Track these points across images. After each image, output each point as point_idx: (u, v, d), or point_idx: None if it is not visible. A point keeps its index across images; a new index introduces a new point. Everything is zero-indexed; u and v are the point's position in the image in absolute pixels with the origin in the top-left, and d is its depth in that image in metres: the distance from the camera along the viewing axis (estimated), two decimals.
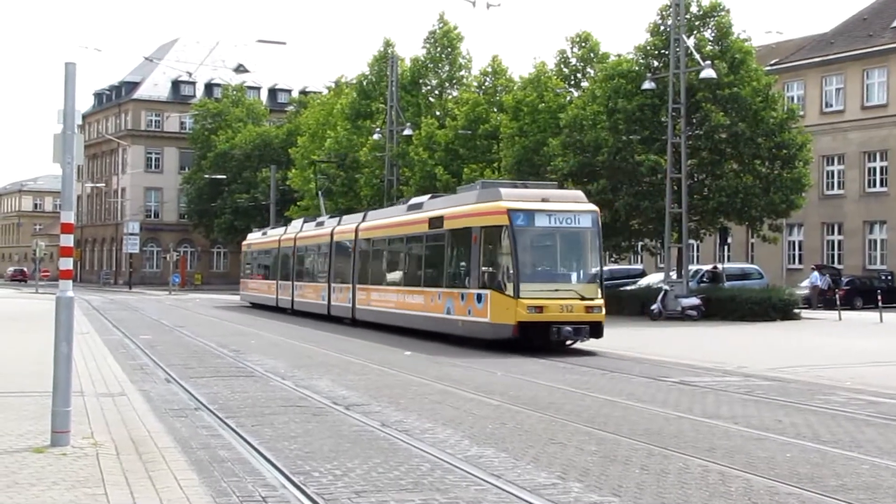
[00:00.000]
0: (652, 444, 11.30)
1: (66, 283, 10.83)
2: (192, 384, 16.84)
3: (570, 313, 24.03)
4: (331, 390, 16.21)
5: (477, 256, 25.42)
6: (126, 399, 14.26)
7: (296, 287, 43.15)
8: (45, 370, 13.95)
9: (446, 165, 48.84)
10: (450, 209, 28.09)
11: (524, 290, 23.95)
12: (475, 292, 25.31)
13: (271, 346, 25.80)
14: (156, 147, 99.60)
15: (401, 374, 19.00)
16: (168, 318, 38.99)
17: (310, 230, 42.90)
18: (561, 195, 26.09)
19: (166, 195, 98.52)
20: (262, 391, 16.07)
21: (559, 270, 25.39)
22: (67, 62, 10.87)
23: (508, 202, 24.83)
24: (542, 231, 24.85)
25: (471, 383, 17.30)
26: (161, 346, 25.05)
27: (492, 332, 24.72)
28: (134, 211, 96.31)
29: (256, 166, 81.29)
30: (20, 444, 10.36)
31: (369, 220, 35.73)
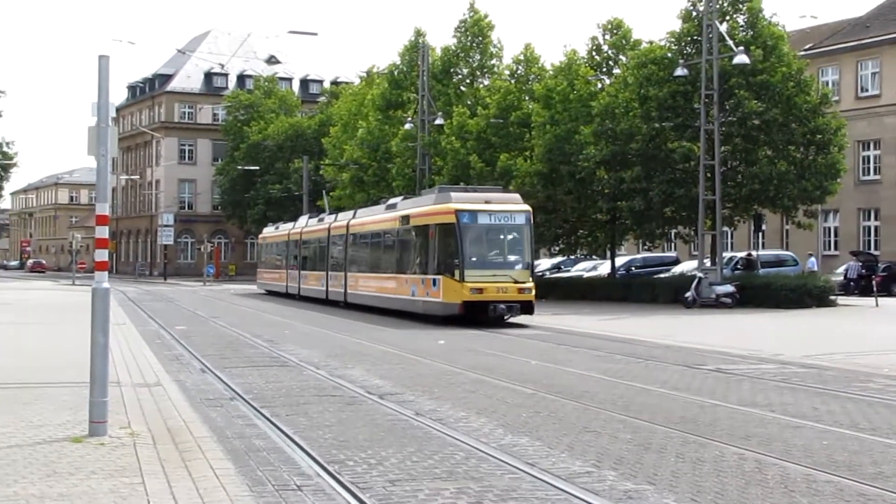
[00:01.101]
0: (687, 432, 11.25)
1: (102, 274, 10.90)
2: (227, 374, 16.93)
3: (505, 294, 29.57)
4: (364, 379, 16.24)
5: (433, 248, 30.97)
6: (162, 389, 14.36)
7: (302, 276, 48.58)
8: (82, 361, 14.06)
9: (479, 154, 48.74)
10: (415, 209, 33.47)
11: (468, 275, 29.51)
12: (431, 277, 30.92)
13: (304, 336, 25.91)
14: (189, 139, 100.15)
15: (434, 363, 19.01)
16: (203, 309, 39.22)
17: (312, 225, 48.55)
18: (501, 198, 31.36)
19: (200, 186, 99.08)
20: (296, 380, 16.13)
21: (497, 259, 30.53)
22: (101, 55, 10.91)
23: (457, 204, 30.40)
24: (483, 227, 30.22)
25: (504, 371, 17.28)
26: (196, 337, 25.21)
27: (443, 310, 30.13)
28: (168, 202, 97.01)
29: (289, 157, 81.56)
30: (59, 434, 10.46)
31: (358, 217, 41.19)
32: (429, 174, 52.52)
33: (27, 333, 24.75)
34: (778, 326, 28.19)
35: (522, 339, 25.20)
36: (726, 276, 38.70)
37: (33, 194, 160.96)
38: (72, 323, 27.39)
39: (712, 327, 27.87)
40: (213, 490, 8.21)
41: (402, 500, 8.21)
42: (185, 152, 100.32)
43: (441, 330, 27.97)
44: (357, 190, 57.28)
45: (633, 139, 40.79)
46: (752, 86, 38.33)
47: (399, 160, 54.47)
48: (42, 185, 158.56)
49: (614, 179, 42.14)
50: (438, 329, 28.41)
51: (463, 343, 23.72)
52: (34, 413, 11.81)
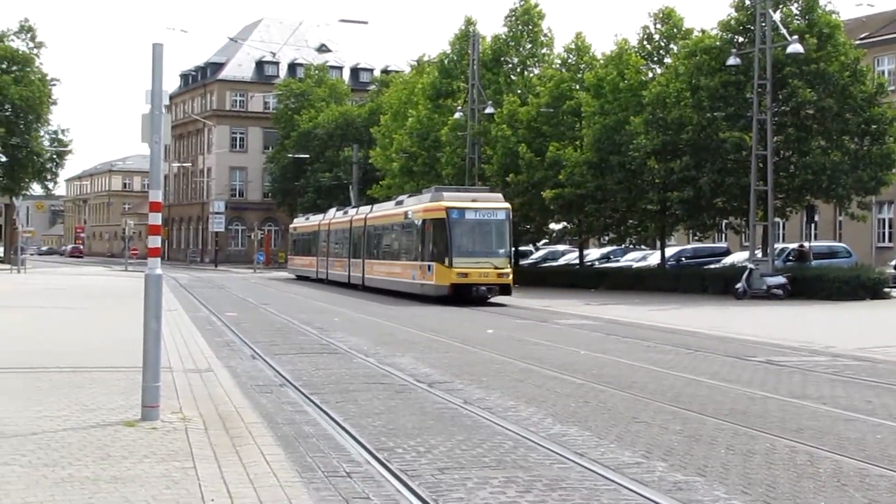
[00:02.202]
0: (738, 423, 11.15)
1: (155, 260, 11.00)
2: (277, 361, 17.05)
3: (486, 278, 35.34)
4: (413, 368, 16.28)
5: (428, 239, 36.98)
6: (213, 375, 14.49)
7: (329, 262, 54.05)
8: (134, 346, 14.21)
9: (529, 143, 48.60)
10: (415, 206, 39.29)
11: (456, 262, 35.40)
12: (427, 264, 36.80)
13: (353, 324, 26.06)
14: (240, 127, 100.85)
15: (482, 351, 19.02)
16: (253, 296, 39.54)
17: (338, 217, 54.17)
18: (486, 197, 37.44)
19: (250, 174, 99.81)
20: (345, 368, 16.20)
21: (480, 249, 36.09)
22: (155, 43, 10.99)
23: (447, 202, 36.31)
24: (469, 222, 36.05)
25: (553, 361, 17.24)
26: (246, 324, 25.41)
27: (435, 291, 35.99)
28: (219, 190, 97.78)
29: (339, 145, 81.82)
30: (112, 418, 10.58)
31: (374, 212, 46.90)
32: (478, 163, 52.47)
33: (80, 319, 25.07)
34: (830, 318, 27.85)
35: (572, 329, 25.15)
36: (778, 267, 38.30)
37: (87, 181, 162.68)
38: (124, 309, 27.73)
39: (763, 319, 27.61)
40: (264, 475, 8.27)
41: (451, 489, 8.21)
42: (236, 140, 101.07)
43: (486, 316, 28.01)
44: (406, 179, 57.31)
45: (683, 129, 40.46)
46: (806, 75, 37.83)
47: (448, 149, 54.44)
48: (96, 172, 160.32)
49: (664, 169, 41.84)
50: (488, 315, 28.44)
51: (511, 332, 23.71)
52: (88, 397, 11.96)
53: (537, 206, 48.24)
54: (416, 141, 57.11)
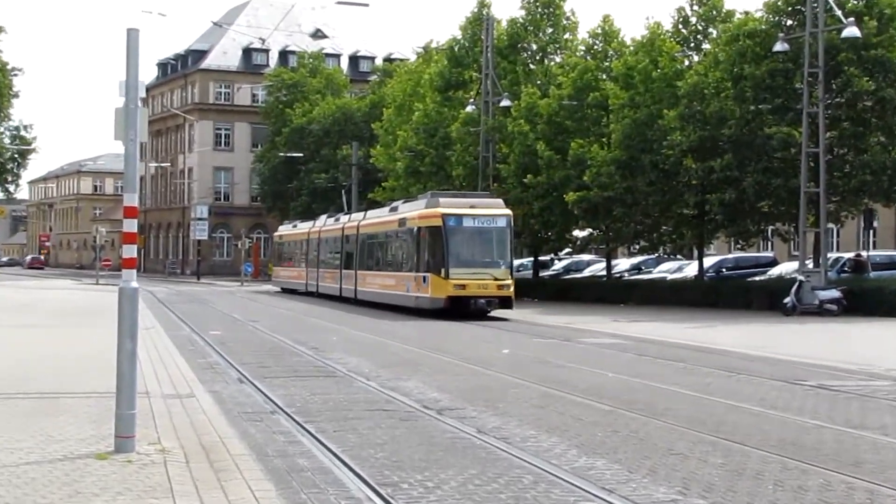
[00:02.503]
0: (787, 456, 11.11)
1: (130, 272, 11.02)
2: (267, 385, 17.05)
3: (485, 290, 36.72)
4: (420, 392, 16.28)
5: (423, 248, 38.51)
6: (195, 401, 14.50)
7: (319, 274, 55.43)
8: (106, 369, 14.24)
9: (549, 140, 48.65)
10: (409, 213, 40.81)
11: (453, 273, 36.75)
12: (422, 275, 38.20)
13: (352, 343, 26.09)
14: (226, 122, 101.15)
15: (498, 374, 19.01)
16: (240, 312, 39.59)
17: (329, 225, 55.84)
18: (485, 203, 38.96)
19: (237, 175, 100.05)
20: (344, 393, 16.20)
21: (479, 258, 37.71)
22: (129, 29, 11.02)
23: (444, 208, 37.72)
24: (467, 229, 37.49)
25: (577, 385, 17.21)
26: (233, 343, 25.44)
27: (430, 304, 37.34)
28: (202, 193, 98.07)
29: (336, 143, 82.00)
30: (82, 450, 10.59)
31: (367, 219, 48.54)
32: (493, 163, 52.52)
33: (46, 338, 25.13)
34: (891, 337, 27.75)
35: (598, 348, 25.13)
36: (831, 279, 38.24)
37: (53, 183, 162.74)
38: (96, 327, 27.76)
39: (815, 338, 27.52)
40: None
41: None
42: (220, 137, 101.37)
43: (501, 334, 28.02)
44: (412, 181, 57.40)
45: (724, 124, 40.46)
46: (864, 62, 37.78)
47: (459, 147, 54.53)
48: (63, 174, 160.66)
49: (703, 169, 41.85)
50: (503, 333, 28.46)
51: (530, 353, 23.71)
52: (55, 426, 11.97)
53: (559, 210, 48.29)
54: (422, 138, 57.21)
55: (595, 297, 47.50)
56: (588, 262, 59.93)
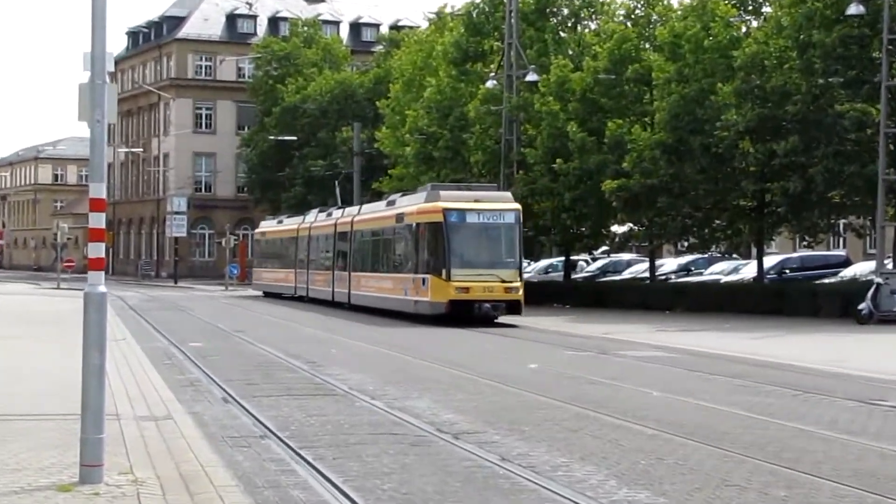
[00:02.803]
0: (864, 489, 11.09)
1: (97, 275, 11.04)
2: (256, 405, 17.08)
3: (491, 293, 38.14)
4: (433, 413, 16.29)
5: (423, 247, 40.13)
6: (173, 424, 14.52)
7: (310, 276, 57.16)
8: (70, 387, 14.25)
9: (583, 120, 48.60)
10: (407, 207, 42.25)
11: (454, 274, 38.18)
12: (421, 277, 39.63)
13: (354, 356, 26.24)
14: (207, 100, 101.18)
15: (524, 392, 19.01)
16: (225, 321, 39.65)
17: (321, 221, 57.59)
18: (492, 196, 40.80)
19: (221, 162, 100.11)
20: (345, 414, 16.23)
21: (484, 258, 39.25)
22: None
23: (445, 202, 39.22)
24: (471, 226, 38.97)
25: (616, 405, 17.20)
26: (216, 357, 25.53)
27: (431, 309, 38.84)
28: (180, 182, 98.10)
29: (335, 124, 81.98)
30: (42, 481, 10.61)
31: (362, 214, 50.30)
32: (517, 146, 52.48)
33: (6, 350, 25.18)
34: None
35: (640, 363, 25.12)
36: None
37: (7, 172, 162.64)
38: (58, 338, 27.84)
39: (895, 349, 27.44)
40: None
41: None
42: (201, 118, 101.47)
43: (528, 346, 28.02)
44: (424, 168, 57.38)
45: (788, 100, 40.33)
46: None
47: (478, 129, 54.48)
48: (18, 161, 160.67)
49: (763, 153, 41.74)
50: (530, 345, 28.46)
51: (560, 367, 23.70)
52: (10, 454, 11.99)
53: (594, 202, 48.25)
54: (435, 118, 57.16)
55: (636, 303, 47.43)
56: (628, 263, 59.85)
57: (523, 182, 50.21)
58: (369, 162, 73.00)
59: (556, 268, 59.25)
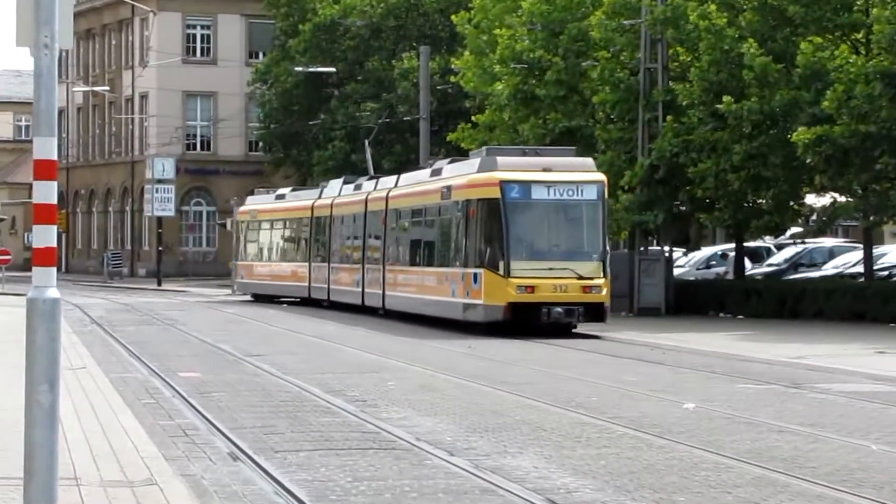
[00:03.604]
0: None
1: (46, 272, 11.12)
2: (279, 464, 17.15)
3: (564, 293, 40.59)
4: (542, 476, 16.26)
5: (474, 232, 42.56)
6: (157, 492, 14.58)
7: (332, 272, 60.76)
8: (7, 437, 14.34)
9: (763, 39, 48.22)
10: (457, 178, 45.04)
11: (515, 268, 40.67)
12: (472, 272, 42.00)
13: (422, 392, 26.31)
14: (203, 14, 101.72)
15: (675, 444, 18.92)
16: (230, 338, 39.88)
17: (347, 195, 60.88)
18: (566, 163, 42.71)
19: (224, 106, 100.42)
20: (411, 478, 16.22)
21: (555, 247, 42.00)
22: None
23: (503, 173, 41.54)
24: (538, 204, 41.67)
25: (815, 465, 17.08)
26: (220, 393, 25.69)
27: (484, 316, 41.50)
28: (164, 138, 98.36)
29: (393, 49, 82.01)
30: None
31: (400, 186, 53.41)
32: (662, 80, 52.23)
33: None
34: None
35: (851, 401, 24.95)
36: None
37: None
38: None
39: None
40: None
41: None
42: (193, 40, 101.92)
43: (684, 376, 27.93)
44: (524, 113, 57.26)
45: None
46: None
47: (605, 54, 54.31)
48: None
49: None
50: (687, 376, 28.38)
51: (731, 408, 23.57)
52: None
53: (779, 160, 47.90)
54: (541, 40, 57.06)
55: (844, 312, 47.05)
56: (831, 252, 59.42)
57: (672, 132, 49.96)
58: (442, 104, 73.05)
59: (722, 260, 58.98)
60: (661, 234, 54.64)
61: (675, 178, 51.93)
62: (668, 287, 53.28)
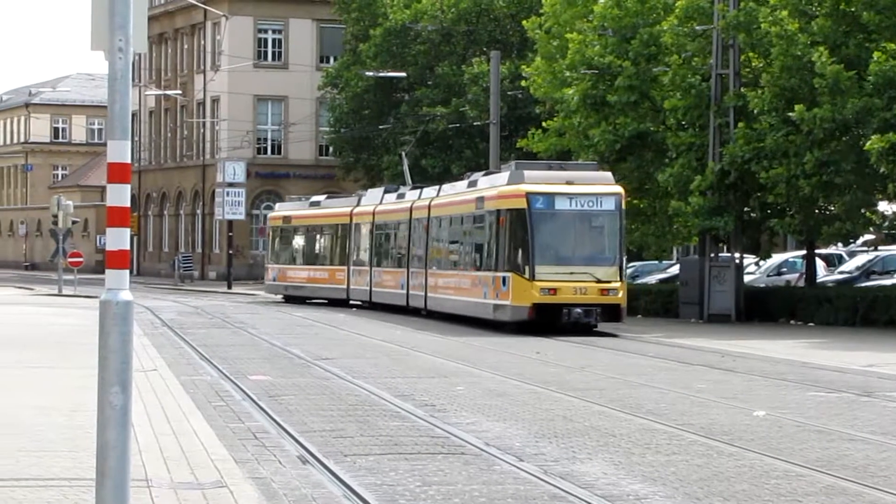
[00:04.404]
0: None
1: (119, 275, 11.16)
2: (348, 468, 17.19)
3: (584, 295, 44.98)
4: (611, 483, 16.24)
5: (504, 239, 47.23)
6: (228, 494, 14.63)
7: (374, 275, 64.80)
8: (80, 438, 14.39)
9: (835, 45, 47.97)
10: (489, 190, 49.72)
11: (539, 272, 45.16)
12: (501, 275, 46.65)
13: (491, 396, 26.31)
14: (275, 18, 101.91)
15: (744, 451, 18.88)
16: (300, 342, 39.97)
17: (389, 203, 64.74)
18: (587, 177, 47.17)
19: (294, 111, 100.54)
20: (480, 482, 16.24)
21: (576, 253, 46.38)
22: None
23: (529, 185, 46.02)
24: (561, 214, 46.11)
25: (888, 474, 16.98)
26: (290, 396, 25.76)
27: (512, 315, 46.20)
28: (235, 142, 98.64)
29: (463, 55, 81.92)
30: None
31: (441, 196, 57.82)
32: (734, 86, 52.02)
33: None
34: None
35: None
36: None
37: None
38: (58, 369, 28.21)
39: None
40: None
41: None
42: (265, 44, 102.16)
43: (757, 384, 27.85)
44: (594, 118, 57.15)
45: None
46: None
47: (676, 59, 54.14)
48: (2, 109, 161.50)
49: None
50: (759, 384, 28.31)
51: (802, 415, 23.47)
52: None
53: (851, 167, 47.65)
54: (612, 45, 56.96)
55: None
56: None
57: (744, 138, 49.78)
58: (513, 109, 72.89)
59: (794, 266, 58.64)
60: (731, 240, 54.48)
61: (745, 184, 51.81)
62: (739, 294, 53.16)
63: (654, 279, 66.10)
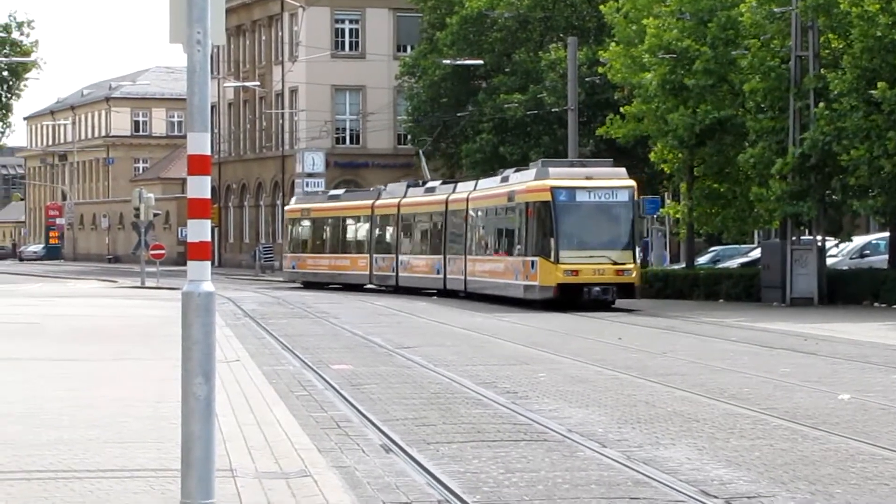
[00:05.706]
0: None
1: (200, 266, 11.20)
2: (431, 455, 17.20)
3: (602, 276, 51.59)
4: (695, 468, 16.18)
5: (532, 228, 53.99)
6: (311, 483, 14.63)
7: (401, 262, 70.70)
8: (163, 430, 14.43)
9: None
10: (518, 185, 56.33)
11: (563, 256, 51.74)
12: (530, 259, 53.46)
13: (573, 383, 26.26)
14: (351, 8, 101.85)
15: (830, 435, 18.78)
16: (382, 331, 40.01)
17: (417, 197, 70.91)
18: (605, 172, 54.25)
19: (372, 100, 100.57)
20: (563, 469, 16.21)
21: (594, 239, 53.00)
22: None
23: (553, 180, 52.69)
24: (581, 205, 52.70)
25: None
26: (372, 385, 25.81)
27: (539, 294, 52.93)
28: (314, 132, 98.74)
29: (540, 41, 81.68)
30: None
31: (478, 189, 64.34)
32: (814, 66, 51.73)
33: (63, 380, 25.63)
34: None
35: None
36: None
37: (67, 119, 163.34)
38: (142, 359, 28.35)
39: None
40: None
41: None
42: (342, 34, 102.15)
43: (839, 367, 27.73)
44: (673, 103, 56.94)
45: None
46: None
47: (755, 43, 53.88)
48: (83, 103, 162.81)
49: None
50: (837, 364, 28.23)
51: (887, 399, 23.31)
52: None
53: None
54: (690, 28, 56.71)
55: None
56: None
57: (825, 120, 49.49)
58: (590, 95, 72.70)
59: (877, 248, 58.31)
60: (813, 223, 54.20)
61: (826, 166, 51.55)
62: (821, 277, 52.91)
63: (735, 263, 65.75)
